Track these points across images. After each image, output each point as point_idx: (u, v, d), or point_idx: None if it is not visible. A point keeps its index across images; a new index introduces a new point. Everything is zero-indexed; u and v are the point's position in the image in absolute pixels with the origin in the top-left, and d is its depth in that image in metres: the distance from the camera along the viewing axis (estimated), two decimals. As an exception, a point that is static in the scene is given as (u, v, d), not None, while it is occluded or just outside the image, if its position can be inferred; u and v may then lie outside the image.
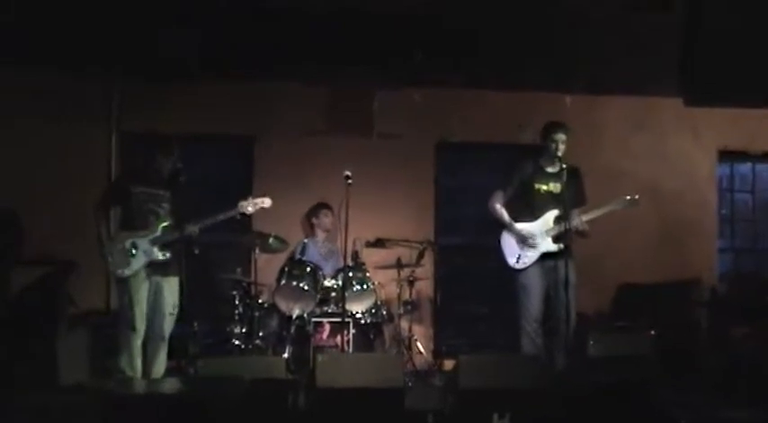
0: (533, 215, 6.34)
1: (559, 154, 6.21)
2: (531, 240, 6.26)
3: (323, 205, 7.68)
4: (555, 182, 6.30)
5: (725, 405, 6.09)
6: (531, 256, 6.28)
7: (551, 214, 6.29)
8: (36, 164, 7.59)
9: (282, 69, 7.62)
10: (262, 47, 7.19)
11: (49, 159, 7.62)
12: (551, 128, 6.31)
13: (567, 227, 6.03)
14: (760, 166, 8.96)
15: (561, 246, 6.15)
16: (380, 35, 7.05)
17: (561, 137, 6.25)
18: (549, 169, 6.36)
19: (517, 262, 6.30)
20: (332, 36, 7.08)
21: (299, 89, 7.95)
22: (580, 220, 6.17)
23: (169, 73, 7.22)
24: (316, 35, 7.04)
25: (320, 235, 7.71)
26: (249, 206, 6.16)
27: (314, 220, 7.74)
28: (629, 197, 6.28)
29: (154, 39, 6.93)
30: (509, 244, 6.37)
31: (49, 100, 7.66)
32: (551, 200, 6.31)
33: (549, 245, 6.25)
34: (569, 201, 6.12)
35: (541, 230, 6.28)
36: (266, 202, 6.23)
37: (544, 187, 6.35)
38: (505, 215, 6.39)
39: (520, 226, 6.32)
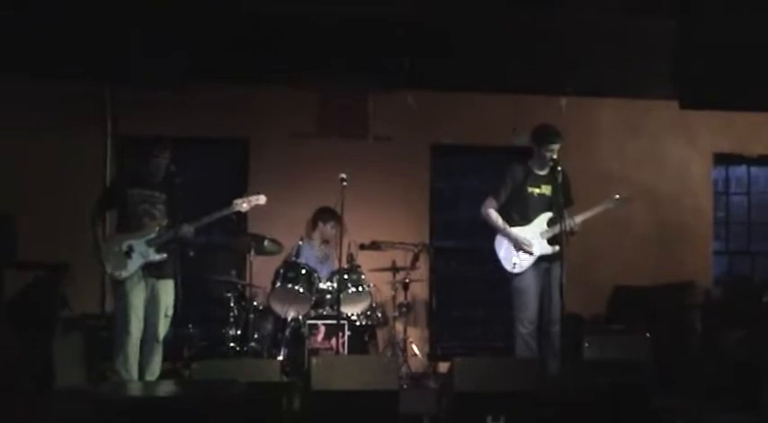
0: (527, 219, 6.31)
1: (554, 158, 6.17)
2: (526, 245, 6.24)
3: (333, 217, 7.46)
4: (546, 184, 6.29)
5: (719, 409, 6.09)
6: (528, 260, 6.25)
7: (545, 217, 6.29)
8: (31, 167, 7.59)
9: (277, 72, 7.61)
10: (256, 50, 7.18)
11: (45, 163, 7.62)
12: (547, 136, 6.22)
13: (562, 229, 6.03)
14: (755, 169, 8.97)
15: (557, 247, 6.14)
16: (374, 39, 7.05)
17: (557, 147, 6.19)
18: (540, 172, 6.33)
19: (514, 267, 6.25)
20: (326, 39, 7.08)
21: (294, 92, 7.94)
22: (573, 221, 6.15)
23: (164, 76, 7.20)
24: (310, 39, 7.04)
25: (317, 239, 7.68)
26: (244, 203, 6.16)
27: (319, 224, 7.63)
28: (617, 196, 6.29)
29: (148, 42, 6.92)
30: (505, 249, 6.31)
31: (44, 104, 7.65)
32: (544, 202, 6.31)
33: (544, 247, 6.24)
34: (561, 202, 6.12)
35: (536, 234, 6.27)
36: (261, 199, 6.23)
37: (537, 190, 6.32)
38: (500, 220, 6.34)
39: (515, 231, 6.28)
